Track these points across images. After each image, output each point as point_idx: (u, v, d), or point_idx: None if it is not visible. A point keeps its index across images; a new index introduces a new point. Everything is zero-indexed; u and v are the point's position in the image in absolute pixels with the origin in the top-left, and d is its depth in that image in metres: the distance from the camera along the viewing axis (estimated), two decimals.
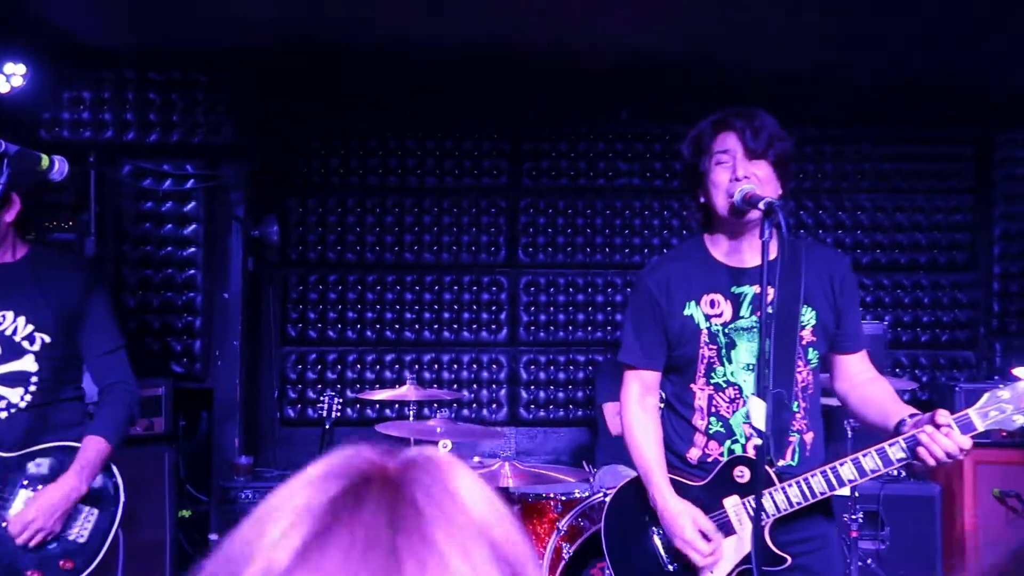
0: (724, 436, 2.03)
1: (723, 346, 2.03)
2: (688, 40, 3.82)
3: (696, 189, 2.10)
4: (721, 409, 2.04)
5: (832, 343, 2.10)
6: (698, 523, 1.97)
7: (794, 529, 1.97)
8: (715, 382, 2.04)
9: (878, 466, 1.87)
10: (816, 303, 2.04)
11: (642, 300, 2.12)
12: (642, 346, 2.12)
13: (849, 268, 2.14)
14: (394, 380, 4.62)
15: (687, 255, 2.14)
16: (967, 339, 4.82)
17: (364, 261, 4.74)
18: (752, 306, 2.03)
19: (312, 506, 0.52)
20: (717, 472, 2.02)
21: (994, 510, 3.88)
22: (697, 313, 2.05)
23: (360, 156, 4.75)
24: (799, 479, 1.93)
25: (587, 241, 4.78)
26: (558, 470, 3.53)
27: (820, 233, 4.82)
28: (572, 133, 4.79)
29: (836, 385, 2.18)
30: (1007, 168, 4.78)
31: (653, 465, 2.05)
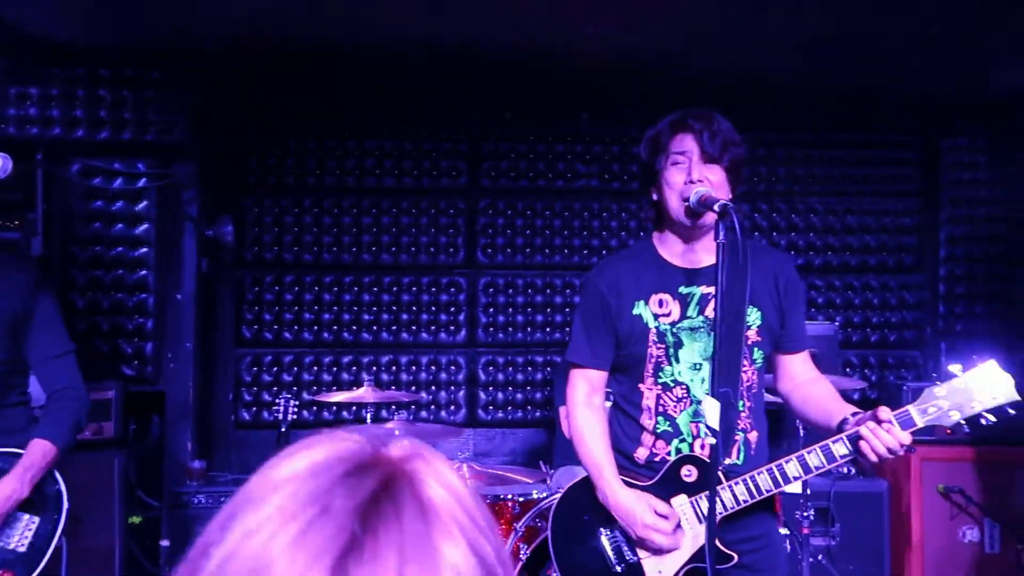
0: (671, 435, 2.05)
1: (671, 346, 2.06)
2: (648, 44, 3.86)
3: (650, 187, 2.12)
4: (668, 408, 2.06)
5: (776, 343, 2.15)
6: (654, 506, 1.99)
7: (740, 528, 2.00)
8: (663, 381, 2.06)
9: (822, 463, 1.92)
10: (761, 303, 2.08)
11: (591, 300, 2.14)
12: (590, 345, 2.13)
13: (794, 270, 2.19)
14: (351, 382, 4.58)
15: (636, 255, 2.17)
16: (914, 339, 4.96)
17: (321, 262, 4.70)
18: (699, 306, 2.06)
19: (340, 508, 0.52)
20: (665, 472, 2.04)
21: (939, 505, 4.00)
22: (646, 313, 2.07)
23: (317, 156, 4.71)
24: (746, 477, 1.96)
25: (546, 242, 4.80)
26: (516, 471, 3.54)
27: (774, 235, 4.91)
28: (531, 135, 4.80)
29: (779, 385, 2.22)
30: (952, 173, 4.92)
31: (602, 463, 2.06)
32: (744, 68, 4.19)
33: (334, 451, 0.58)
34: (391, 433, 0.64)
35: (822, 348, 4.27)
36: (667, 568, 2.01)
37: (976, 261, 4.92)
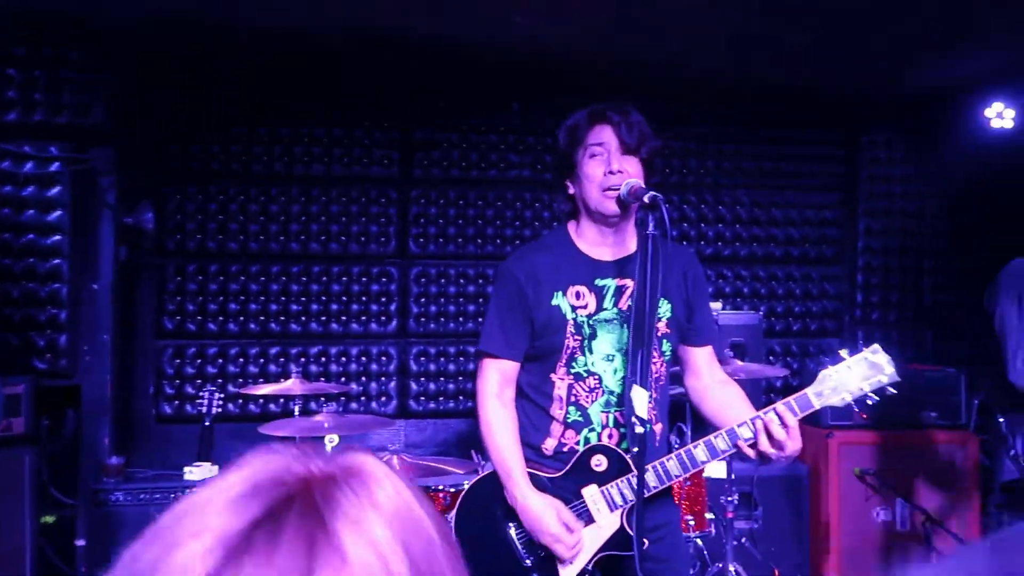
0: (582, 425, 2.06)
1: (587, 337, 2.06)
2: (582, 37, 3.88)
3: (566, 179, 2.12)
4: (580, 398, 2.06)
5: (683, 336, 2.18)
6: (561, 516, 1.98)
7: (645, 516, 2.01)
8: (575, 371, 2.06)
9: (728, 446, 1.97)
10: (671, 296, 2.11)
11: (508, 289, 2.11)
12: (505, 335, 2.10)
13: (700, 265, 2.24)
14: (279, 374, 4.48)
15: (553, 245, 2.16)
16: (834, 328, 5.14)
17: (247, 251, 4.58)
18: (614, 298, 2.07)
19: (228, 533, 0.48)
20: (575, 462, 2.04)
21: (855, 487, 4.16)
22: (564, 304, 2.07)
23: (244, 142, 4.57)
24: (655, 464, 1.99)
25: (478, 232, 4.79)
26: (447, 462, 3.53)
27: (702, 226, 5.01)
28: (464, 124, 4.77)
29: (687, 380, 2.26)
30: (870, 168, 5.11)
31: (512, 463, 2.03)
32: (674, 63, 4.25)
33: (250, 468, 0.53)
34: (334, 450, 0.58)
35: (747, 337, 4.39)
36: (578, 559, 2.02)
37: (891, 253, 5.13)
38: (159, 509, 2.42)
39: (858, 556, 4.17)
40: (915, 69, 4.33)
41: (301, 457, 0.54)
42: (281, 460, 0.53)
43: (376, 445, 4.32)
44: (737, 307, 4.90)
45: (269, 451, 0.55)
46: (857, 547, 4.17)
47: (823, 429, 4.20)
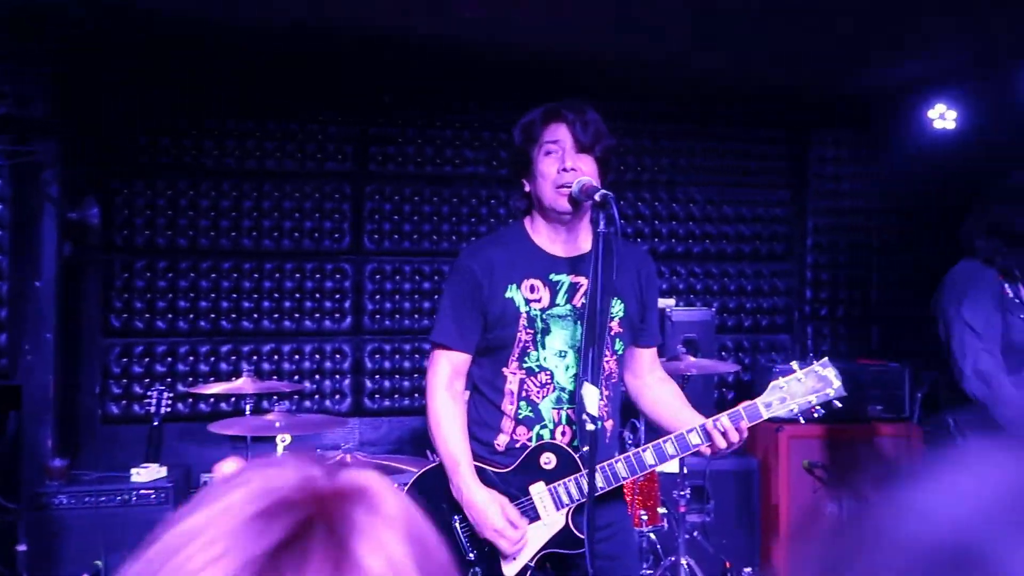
0: (533, 421, 2.07)
1: (539, 331, 2.07)
2: (537, 33, 3.88)
3: (522, 176, 2.13)
4: (532, 394, 2.06)
5: (634, 336, 2.21)
6: (506, 512, 1.99)
7: (595, 516, 2.03)
8: (528, 366, 2.07)
9: (677, 451, 2.01)
10: (625, 296, 2.13)
11: (463, 281, 2.11)
12: (458, 327, 2.10)
13: (652, 263, 2.26)
14: (230, 372, 4.41)
15: (509, 240, 2.17)
16: (784, 324, 5.24)
17: (197, 247, 4.49)
18: (568, 294, 2.09)
19: (253, 556, 0.46)
20: (523, 459, 2.04)
21: (803, 480, 4.25)
22: (518, 296, 2.07)
23: (194, 136, 4.48)
24: (604, 465, 2.00)
25: (434, 229, 4.77)
26: (402, 460, 3.52)
27: (656, 224, 5.06)
28: (419, 120, 4.75)
29: (628, 378, 2.28)
30: (819, 166, 5.22)
31: (459, 456, 2.03)
32: (626, 61, 4.28)
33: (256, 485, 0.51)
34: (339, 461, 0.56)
35: (700, 333, 4.45)
36: (522, 555, 2.02)
37: (840, 250, 5.25)
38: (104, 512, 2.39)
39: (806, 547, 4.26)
40: (860, 70, 4.43)
41: (306, 472, 0.53)
42: (287, 476, 0.52)
43: (329, 444, 4.29)
44: (690, 303, 4.96)
45: (269, 464, 0.54)
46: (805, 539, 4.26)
47: (773, 423, 4.28)
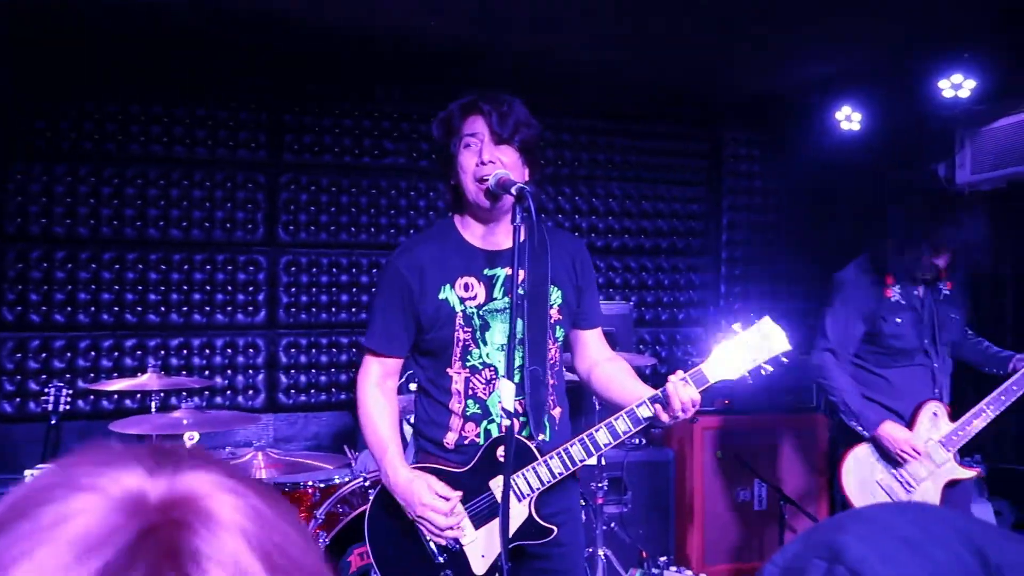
0: (481, 417, 2.06)
1: (478, 328, 2.05)
2: (460, 24, 3.83)
3: (447, 170, 2.11)
4: (478, 391, 2.06)
5: (574, 321, 2.21)
6: (433, 487, 1.97)
7: (552, 502, 2.05)
8: (471, 364, 2.06)
9: (629, 427, 2.00)
10: (561, 283, 2.13)
11: (392, 283, 2.08)
12: (386, 331, 2.09)
13: (587, 251, 2.26)
14: (135, 368, 4.22)
15: (439, 237, 2.14)
16: (699, 317, 5.35)
17: (99, 236, 4.27)
18: (504, 288, 2.07)
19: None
20: (481, 454, 2.04)
21: (717, 469, 4.36)
22: (452, 296, 2.05)
23: (96, 120, 4.26)
24: (559, 450, 2.00)
25: (352, 220, 4.67)
26: (317, 457, 3.42)
27: (576, 218, 5.09)
28: (337, 109, 4.64)
29: (577, 363, 2.29)
30: (732, 164, 5.35)
31: (386, 443, 2.04)
32: (544, 55, 4.28)
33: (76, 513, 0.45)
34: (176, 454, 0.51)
35: (618, 326, 4.50)
36: (490, 551, 2.01)
37: (752, 246, 5.40)
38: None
39: (719, 535, 4.37)
40: (770, 71, 4.55)
41: (132, 487, 0.48)
42: (111, 496, 0.47)
43: (242, 441, 4.15)
44: (609, 297, 5.02)
45: (90, 472, 0.48)
46: (718, 526, 4.38)
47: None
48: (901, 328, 3.04)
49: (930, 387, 3.08)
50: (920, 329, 3.06)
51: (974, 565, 0.53)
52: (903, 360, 3.07)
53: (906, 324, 3.04)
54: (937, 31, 3.82)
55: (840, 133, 4.75)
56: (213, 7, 3.64)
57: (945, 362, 3.12)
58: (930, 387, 3.08)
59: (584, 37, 4.01)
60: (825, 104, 4.77)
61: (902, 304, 3.05)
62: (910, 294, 3.06)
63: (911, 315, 3.05)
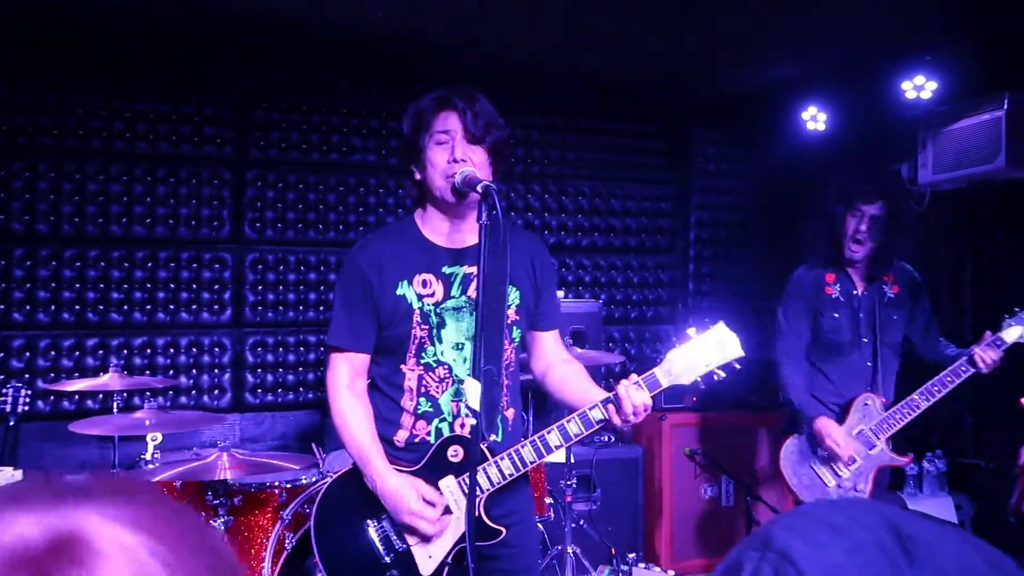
0: (432, 415, 2.04)
1: (434, 326, 2.04)
2: (429, 21, 3.80)
3: (413, 165, 2.08)
4: (431, 389, 2.04)
5: (532, 322, 2.20)
6: (422, 493, 1.97)
7: (502, 503, 2.04)
8: (425, 362, 2.04)
9: (581, 430, 2.00)
10: (520, 283, 2.12)
11: (352, 279, 2.06)
12: (352, 327, 2.06)
13: (547, 251, 2.27)
14: (97, 368, 4.14)
15: (398, 233, 2.12)
16: (667, 315, 5.39)
17: (60, 233, 4.18)
18: (462, 286, 2.06)
19: None
20: (432, 454, 2.03)
21: (685, 466, 4.39)
22: (410, 293, 2.04)
23: (55, 114, 4.16)
24: (510, 451, 2.00)
25: (319, 218, 4.62)
26: (283, 457, 3.38)
27: (545, 216, 5.10)
28: (304, 105, 4.59)
29: (533, 364, 2.28)
30: (701, 163, 5.39)
31: (369, 448, 2.01)
32: (519, 54, 4.27)
33: None
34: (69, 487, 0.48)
35: (588, 324, 4.51)
36: (437, 552, 2.00)
37: (719, 244, 5.44)
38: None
39: (687, 531, 4.41)
40: (735, 70, 4.58)
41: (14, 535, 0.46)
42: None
43: (207, 441, 4.09)
44: (579, 295, 5.03)
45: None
46: (686, 522, 4.41)
47: (656, 412, 4.39)
48: (839, 323, 3.29)
49: (867, 381, 3.30)
50: (856, 325, 3.27)
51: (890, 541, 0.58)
52: (842, 355, 3.31)
53: (843, 319, 3.29)
54: (900, 33, 3.89)
55: (806, 133, 4.81)
56: (187, 4, 3.58)
57: (887, 360, 3.29)
58: (867, 381, 3.30)
59: (555, 37, 4.01)
60: (792, 104, 4.83)
61: (840, 301, 3.31)
62: (849, 292, 3.31)
63: (848, 312, 3.30)
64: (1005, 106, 3.78)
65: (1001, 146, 3.79)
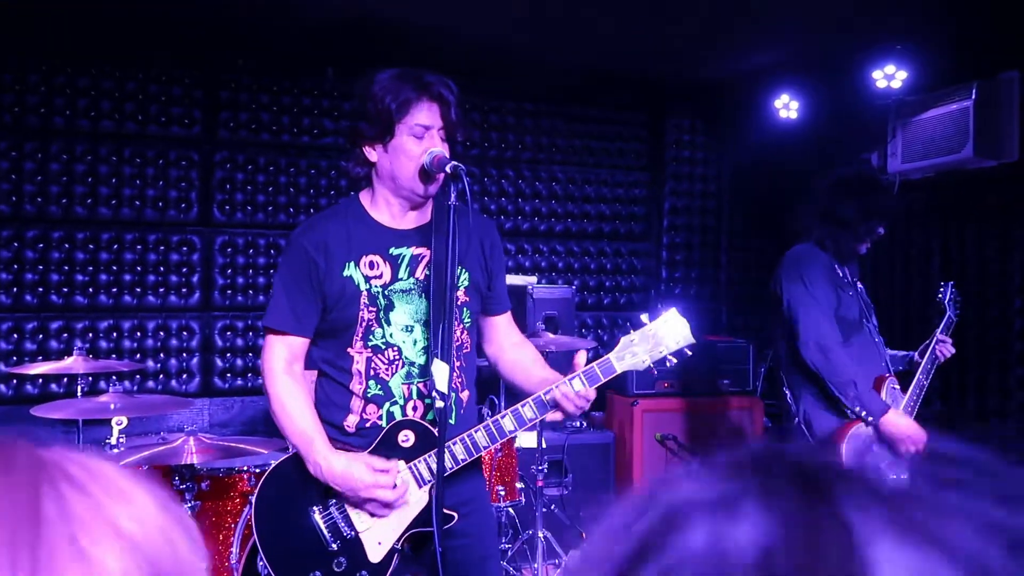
0: (383, 399, 2.00)
1: (382, 308, 1.99)
2: (402, 4, 3.76)
3: (370, 142, 2.00)
4: (380, 372, 2.00)
5: (483, 306, 2.17)
6: (371, 465, 1.92)
7: (455, 491, 1.98)
8: (373, 344, 1.99)
9: (535, 413, 1.98)
10: (469, 265, 2.08)
11: (297, 261, 1.99)
12: (293, 309, 1.99)
13: (497, 233, 2.22)
14: (61, 351, 4.06)
15: (344, 214, 2.05)
16: (640, 301, 5.41)
17: (22, 214, 4.08)
18: (410, 268, 2.02)
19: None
20: (381, 438, 1.98)
21: (657, 451, 4.42)
22: (357, 274, 1.99)
23: (16, 91, 4.06)
24: (463, 436, 1.96)
25: (290, 201, 4.56)
26: (253, 441, 3.34)
27: (519, 201, 5.08)
28: (274, 86, 4.51)
29: (486, 348, 2.25)
30: (674, 150, 5.40)
31: (311, 433, 1.93)
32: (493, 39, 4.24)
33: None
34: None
35: (561, 310, 4.51)
36: (387, 538, 1.96)
37: (693, 231, 5.46)
38: None
39: None
40: (712, 58, 4.59)
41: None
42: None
43: (174, 426, 4.04)
44: (552, 281, 5.02)
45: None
46: None
47: (628, 397, 4.42)
48: (852, 300, 3.12)
49: (880, 362, 3.15)
50: (859, 303, 3.17)
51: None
52: (855, 334, 3.13)
53: (853, 297, 3.13)
54: (872, 23, 3.91)
55: (779, 121, 4.84)
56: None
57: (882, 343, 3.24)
58: (880, 362, 3.15)
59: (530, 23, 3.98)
60: (765, 92, 4.84)
61: (846, 280, 3.16)
62: (846, 270, 3.18)
63: (852, 289, 3.16)
64: (973, 96, 3.82)
65: (969, 136, 3.83)
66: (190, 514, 2.85)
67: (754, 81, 4.82)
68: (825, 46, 4.26)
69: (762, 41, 4.27)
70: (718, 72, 4.83)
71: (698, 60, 4.63)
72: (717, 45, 4.35)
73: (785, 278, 3.11)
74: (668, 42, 4.30)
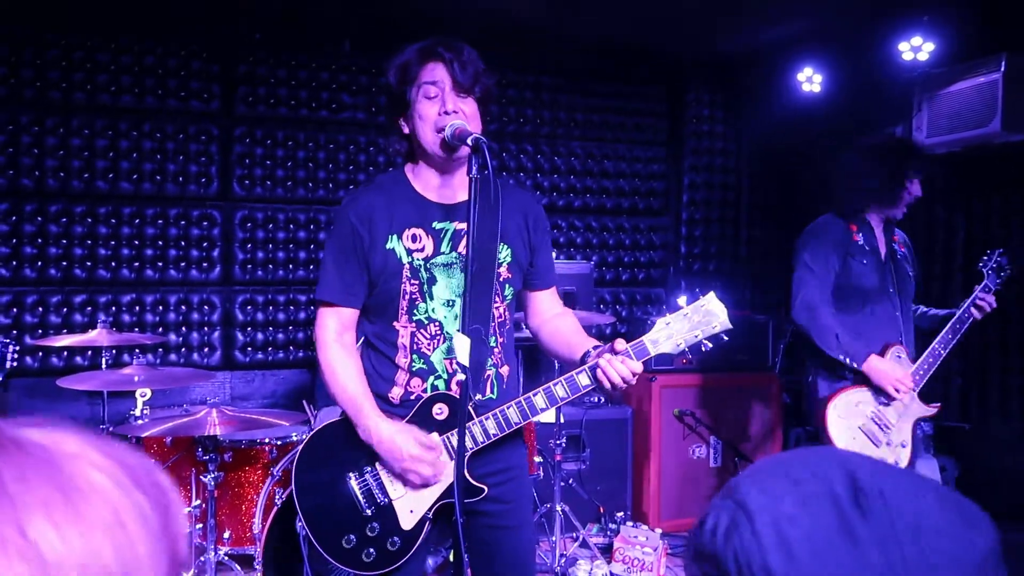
0: (427, 372, 2.02)
1: (424, 282, 2.01)
2: None
3: (400, 118, 2.03)
4: (423, 346, 2.02)
5: (526, 280, 2.18)
6: (418, 438, 1.96)
7: (490, 461, 2.02)
8: (417, 319, 2.01)
9: (567, 393, 1.98)
10: (511, 241, 2.08)
11: (343, 233, 2.02)
12: (343, 281, 2.03)
13: (541, 208, 2.22)
14: (85, 324, 4.11)
15: (389, 187, 2.07)
16: (659, 277, 5.39)
17: (45, 188, 4.12)
18: (452, 242, 2.03)
19: None
20: (416, 411, 2.01)
21: (674, 427, 4.43)
22: (399, 247, 2.00)
23: (37, 67, 4.08)
24: (495, 411, 1.98)
25: (309, 175, 4.57)
26: (274, 414, 3.39)
27: (537, 176, 5.06)
28: (292, 60, 4.50)
29: (529, 321, 2.26)
30: (694, 125, 5.34)
31: (360, 399, 1.98)
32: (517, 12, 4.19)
33: None
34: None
35: (579, 286, 4.50)
36: (419, 507, 2.00)
37: (712, 206, 5.42)
38: None
39: (675, 491, 4.46)
40: (729, 31, 4.52)
41: None
42: None
43: (197, 398, 4.09)
44: (570, 256, 5.01)
45: None
46: (674, 482, 4.46)
47: (647, 373, 4.41)
48: (866, 268, 3.13)
49: (896, 332, 3.15)
50: (883, 273, 3.16)
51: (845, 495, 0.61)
52: (869, 303, 3.13)
53: (870, 266, 3.14)
54: None
55: (801, 94, 4.77)
56: None
57: (908, 315, 3.22)
58: (896, 332, 3.15)
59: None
60: (787, 65, 4.77)
61: (866, 249, 3.16)
62: (873, 243, 3.17)
63: (874, 259, 3.16)
64: (1002, 68, 3.74)
65: (997, 109, 3.76)
66: (213, 485, 2.89)
67: (776, 54, 4.75)
68: (849, 18, 4.18)
69: (784, 13, 4.19)
70: (738, 46, 4.76)
71: (718, 33, 4.57)
72: (737, 18, 4.28)
73: (798, 245, 3.19)
74: (687, 15, 4.23)
